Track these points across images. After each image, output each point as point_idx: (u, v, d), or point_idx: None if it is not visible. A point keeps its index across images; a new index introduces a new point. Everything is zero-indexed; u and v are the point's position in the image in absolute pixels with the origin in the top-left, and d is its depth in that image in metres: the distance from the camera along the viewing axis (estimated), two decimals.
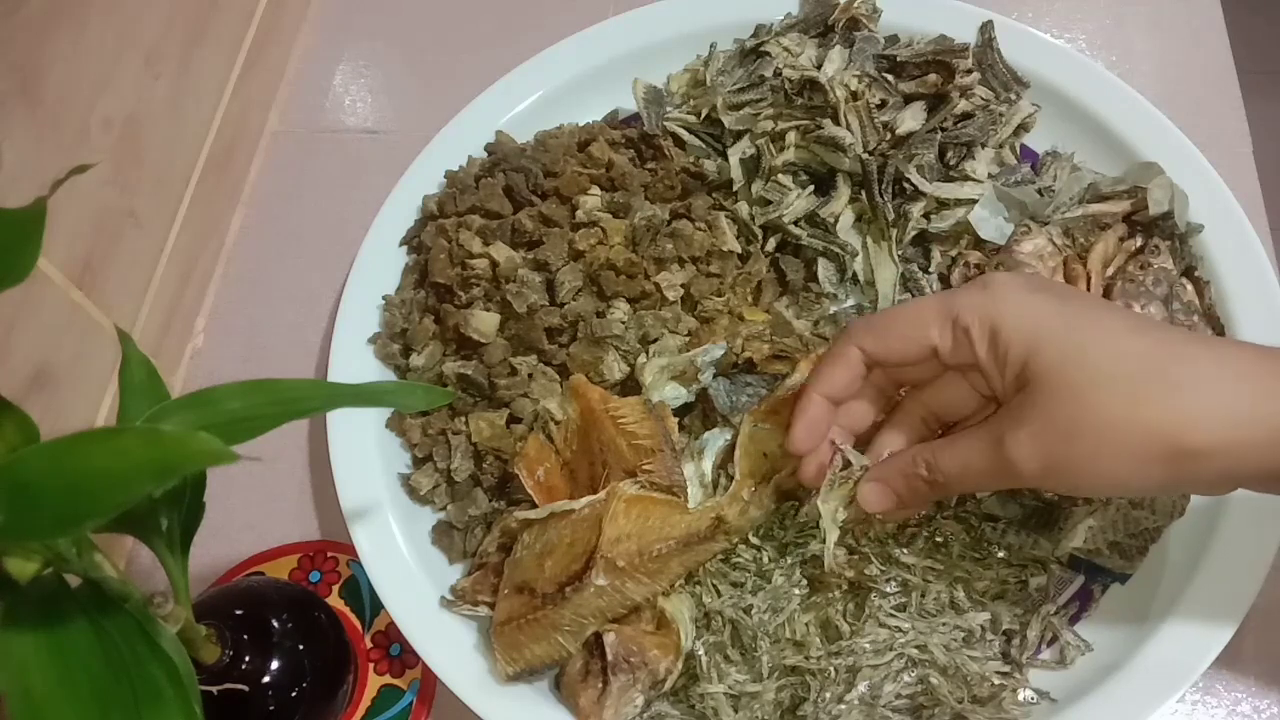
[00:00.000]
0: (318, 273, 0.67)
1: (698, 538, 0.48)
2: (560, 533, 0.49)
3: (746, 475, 0.49)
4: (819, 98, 0.61)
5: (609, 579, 0.46)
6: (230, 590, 0.52)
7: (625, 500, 0.48)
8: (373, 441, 0.57)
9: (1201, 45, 0.71)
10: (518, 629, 0.48)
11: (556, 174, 0.60)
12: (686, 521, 0.48)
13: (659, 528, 0.48)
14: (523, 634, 0.48)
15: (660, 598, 0.49)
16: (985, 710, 0.47)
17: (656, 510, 0.48)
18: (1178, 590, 0.50)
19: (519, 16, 0.77)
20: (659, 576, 0.48)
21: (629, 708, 0.47)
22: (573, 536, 0.48)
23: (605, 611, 0.47)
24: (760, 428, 0.50)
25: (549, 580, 0.48)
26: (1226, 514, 0.51)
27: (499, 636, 0.49)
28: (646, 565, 0.47)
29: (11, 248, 0.31)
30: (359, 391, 0.44)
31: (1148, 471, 0.37)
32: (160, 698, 0.32)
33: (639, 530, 0.48)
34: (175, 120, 0.62)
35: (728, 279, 0.58)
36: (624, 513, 0.48)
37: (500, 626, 0.49)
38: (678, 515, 0.48)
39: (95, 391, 0.55)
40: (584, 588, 0.46)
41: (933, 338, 0.42)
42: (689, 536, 0.48)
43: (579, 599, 0.46)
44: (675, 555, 0.48)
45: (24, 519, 0.29)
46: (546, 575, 0.48)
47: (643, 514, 0.48)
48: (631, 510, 0.48)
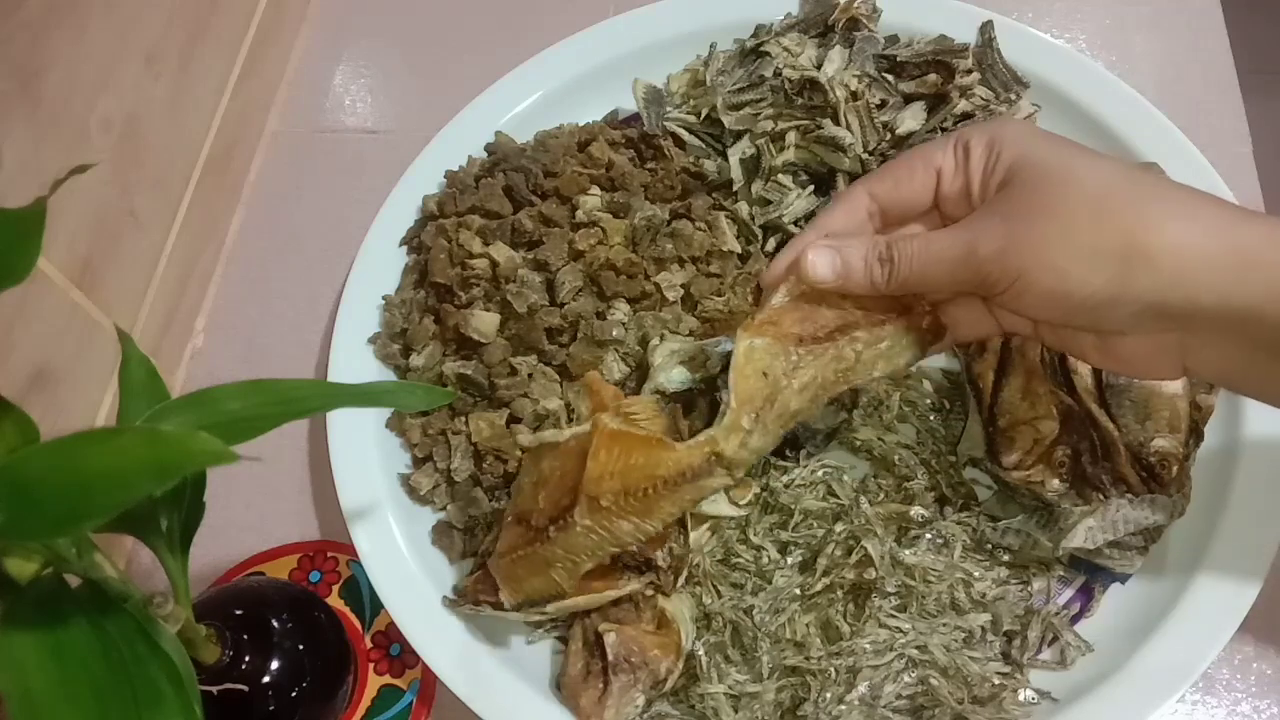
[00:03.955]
0: (318, 273, 0.67)
1: (689, 476, 0.44)
2: (551, 464, 0.48)
3: (744, 401, 0.44)
4: (819, 98, 0.61)
5: (593, 519, 0.45)
6: (230, 590, 0.52)
7: (607, 435, 0.45)
8: (373, 441, 0.57)
9: (1201, 45, 0.71)
10: (514, 562, 0.47)
11: (556, 174, 0.60)
12: (674, 459, 0.44)
13: (643, 466, 0.45)
14: (519, 567, 0.47)
15: (660, 598, 0.49)
16: (985, 710, 0.47)
17: (638, 448, 0.45)
18: (1178, 590, 0.50)
19: (519, 16, 0.77)
20: (649, 517, 0.45)
21: (630, 708, 0.47)
22: (563, 468, 0.47)
23: (596, 550, 0.45)
24: (757, 343, 0.45)
25: (542, 513, 0.46)
26: (1226, 514, 0.51)
27: (498, 567, 0.47)
28: (633, 505, 0.44)
29: (11, 248, 0.31)
30: (359, 391, 0.44)
31: (1097, 268, 0.37)
32: (160, 698, 0.32)
33: (623, 469, 0.45)
34: (175, 120, 0.62)
35: (728, 279, 0.58)
36: (605, 448, 0.45)
37: (499, 557, 0.47)
38: (664, 453, 0.45)
39: (95, 391, 0.55)
40: (569, 527, 0.45)
41: (937, 159, 0.43)
42: (678, 475, 0.44)
43: (566, 537, 0.45)
44: (665, 495, 0.44)
45: (24, 519, 0.29)
46: (540, 507, 0.47)
47: (625, 451, 0.45)
48: (614, 447, 0.45)
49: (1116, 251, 0.37)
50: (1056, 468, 0.50)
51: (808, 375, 0.44)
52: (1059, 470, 0.50)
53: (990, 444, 0.51)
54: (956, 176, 0.43)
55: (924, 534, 0.51)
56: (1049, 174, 0.39)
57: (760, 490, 0.53)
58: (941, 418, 0.56)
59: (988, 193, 0.42)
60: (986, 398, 0.52)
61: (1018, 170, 0.40)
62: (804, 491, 0.53)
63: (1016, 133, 0.41)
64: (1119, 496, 0.49)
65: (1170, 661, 0.48)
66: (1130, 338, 0.40)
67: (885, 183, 0.45)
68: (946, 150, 0.43)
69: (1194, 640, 0.48)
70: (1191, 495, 0.50)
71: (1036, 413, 0.51)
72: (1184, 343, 0.39)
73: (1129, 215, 0.37)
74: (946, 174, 0.43)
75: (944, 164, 0.43)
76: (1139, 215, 0.37)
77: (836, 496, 0.53)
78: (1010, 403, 0.51)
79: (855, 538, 0.50)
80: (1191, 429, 0.51)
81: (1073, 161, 0.39)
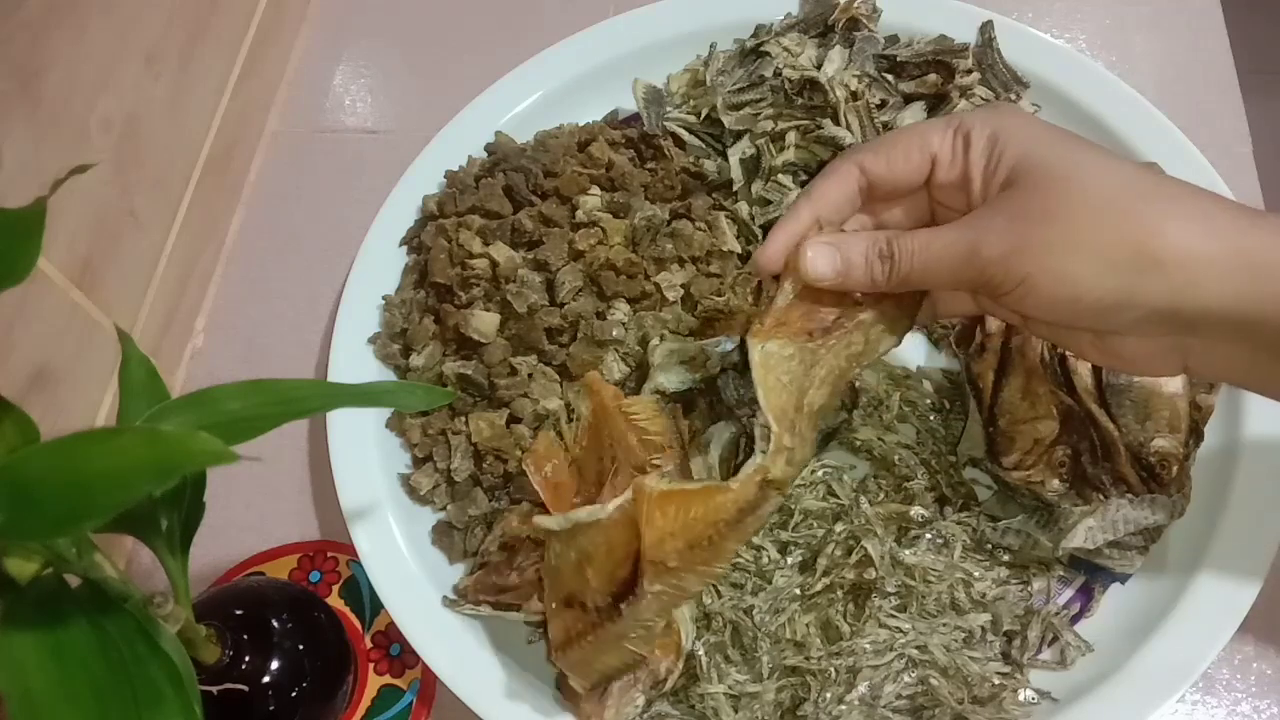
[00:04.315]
0: (318, 273, 0.67)
1: (748, 510, 0.43)
2: (593, 539, 0.46)
3: (779, 417, 0.43)
4: (819, 98, 0.61)
5: (663, 583, 0.43)
6: (230, 590, 0.52)
7: (657, 497, 0.44)
8: (373, 441, 0.57)
9: (1201, 45, 0.71)
10: (583, 649, 0.45)
11: (556, 174, 0.60)
12: (732, 498, 0.43)
13: (705, 516, 0.44)
14: (589, 653, 0.45)
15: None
16: (985, 710, 0.47)
17: (695, 502, 0.44)
18: (1178, 590, 0.50)
19: (519, 16, 0.77)
20: (716, 562, 0.44)
21: (630, 708, 0.47)
22: (609, 541, 0.45)
23: (666, 609, 0.45)
24: (771, 348, 0.44)
25: (597, 591, 0.45)
26: (1226, 514, 0.51)
27: (563, 659, 0.46)
28: (700, 555, 0.44)
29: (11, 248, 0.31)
30: (359, 391, 0.44)
31: (1106, 274, 0.37)
32: (160, 698, 0.32)
33: (683, 526, 0.44)
34: (175, 120, 0.62)
35: (728, 279, 0.58)
36: (660, 511, 0.44)
37: (561, 649, 0.46)
38: (720, 496, 0.44)
39: (95, 391, 0.55)
40: (639, 598, 0.43)
41: (934, 144, 0.42)
42: (738, 514, 0.43)
43: (636, 609, 0.44)
44: (728, 536, 0.44)
45: (24, 519, 0.29)
46: (593, 586, 0.45)
47: (682, 508, 0.44)
48: (668, 507, 0.44)
49: (1125, 257, 0.37)
50: (1056, 468, 0.50)
51: (824, 369, 0.44)
52: (1059, 470, 0.50)
53: (990, 444, 0.51)
54: (953, 166, 0.42)
55: (924, 534, 0.51)
56: (1055, 176, 0.39)
57: None
58: (941, 418, 0.56)
59: (990, 191, 0.41)
60: (986, 398, 0.52)
61: (1022, 170, 0.39)
62: (804, 491, 0.53)
63: (1019, 128, 0.41)
64: (1119, 496, 0.49)
65: (1170, 661, 0.48)
66: (1131, 338, 0.40)
67: (879, 160, 0.44)
68: (944, 137, 0.42)
69: (1194, 640, 0.48)
70: (1191, 495, 0.50)
71: (1036, 413, 0.51)
72: (1186, 344, 0.39)
73: (1137, 220, 0.37)
74: (943, 161, 0.42)
75: (940, 151, 0.42)
76: (1148, 220, 0.37)
77: (836, 496, 0.53)
78: (1010, 403, 0.51)
79: (855, 538, 0.50)
80: (1191, 429, 0.51)
81: (1079, 162, 0.39)
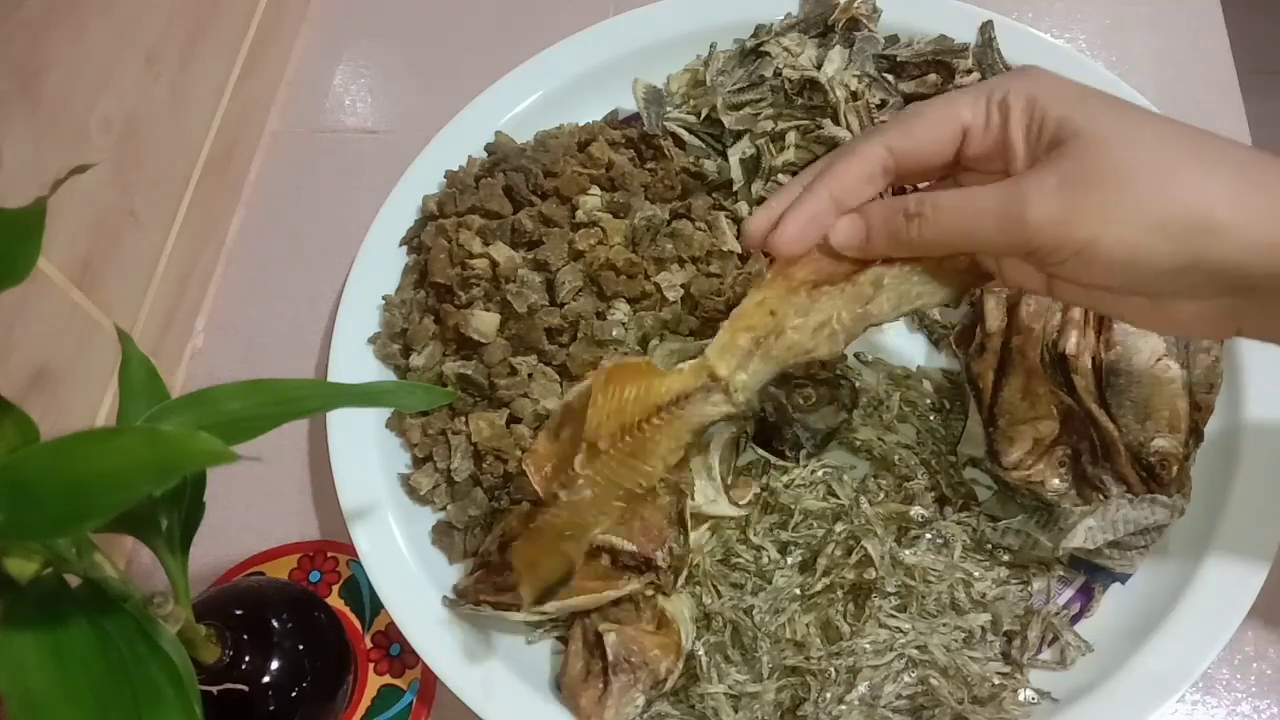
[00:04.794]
0: (318, 273, 0.67)
1: (684, 400, 0.42)
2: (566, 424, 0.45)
3: (742, 324, 0.42)
4: (819, 98, 0.61)
5: (593, 468, 0.42)
6: (230, 590, 0.52)
7: (604, 374, 0.42)
8: (373, 441, 0.57)
9: (1201, 45, 0.71)
10: (526, 541, 0.45)
11: (556, 174, 0.60)
12: (668, 383, 0.42)
13: (638, 397, 0.43)
14: (532, 548, 0.45)
15: (660, 598, 0.49)
16: (985, 710, 0.47)
17: (631, 378, 0.43)
18: (1178, 590, 0.50)
19: (519, 16, 0.77)
20: (647, 456, 0.43)
21: (630, 708, 0.47)
22: (574, 426, 0.45)
23: (601, 506, 0.43)
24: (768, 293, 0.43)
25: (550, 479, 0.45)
26: (1226, 514, 0.51)
27: (516, 556, 0.45)
28: (630, 445, 0.42)
29: (11, 248, 0.31)
30: (359, 391, 0.44)
31: (1158, 239, 0.36)
32: (160, 698, 0.32)
33: (617, 406, 0.42)
34: (175, 120, 0.62)
35: (728, 279, 0.58)
36: (602, 391, 0.42)
37: (516, 547, 0.46)
38: (658, 379, 0.42)
39: (95, 391, 0.55)
40: (571, 481, 0.42)
41: (965, 115, 0.40)
42: (673, 401, 0.42)
43: (572, 498, 0.43)
44: (662, 427, 0.42)
45: (24, 519, 0.29)
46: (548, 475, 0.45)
47: (619, 387, 0.42)
48: (610, 386, 0.42)
49: (1186, 220, 0.36)
50: (1056, 468, 0.50)
51: (822, 315, 0.42)
52: (1059, 470, 0.50)
53: (990, 444, 0.51)
54: (988, 135, 0.40)
55: (924, 534, 0.51)
56: (1105, 137, 0.37)
57: (760, 490, 0.53)
58: (941, 418, 0.56)
59: (1036, 155, 0.39)
60: (986, 398, 0.52)
61: (1069, 132, 0.38)
62: (804, 491, 0.53)
63: (1056, 88, 0.39)
64: (1119, 496, 0.49)
65: (1170, 661, 0.48)
66: (1187, 302, 0.39)
67: (905, 136, 0.41)
68: (976, 106, 0.40)
69: (1194, 640, 0.48)
70: (1191, 495, 0.50)
71: (1036, 413, 0.51)
72: (1241, 306, 0.38)
73: (1195, 182, 0.36)
74: (975, 131, 0.40)
75: (972, 121, 0.40)
76: (1205, 182, 0.36)
77: (836, 496, 0.53)
78: (1010, 403, 0.51)
79: (855, 538, 0.50)
80: (1191, 429, 0.51)
81: (1129, 122, 0.38)
